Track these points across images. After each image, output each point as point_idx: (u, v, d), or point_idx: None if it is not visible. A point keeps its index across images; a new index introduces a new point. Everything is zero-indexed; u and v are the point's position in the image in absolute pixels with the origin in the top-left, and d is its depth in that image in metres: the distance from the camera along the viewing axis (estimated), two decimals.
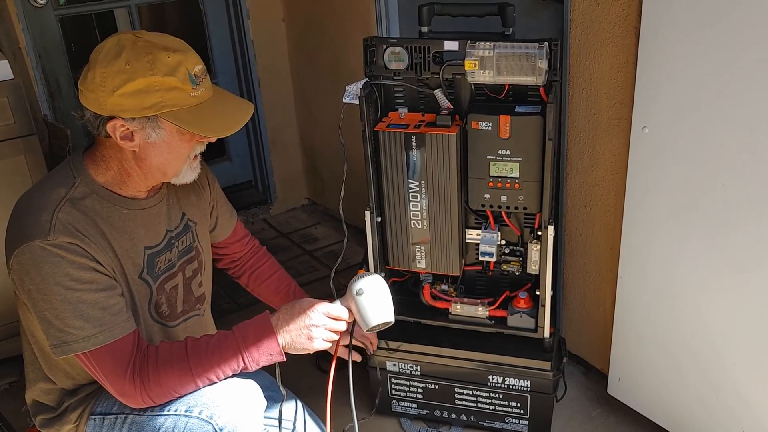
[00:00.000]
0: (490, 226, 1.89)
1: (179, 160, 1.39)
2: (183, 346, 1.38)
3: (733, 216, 1.60)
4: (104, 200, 1.39)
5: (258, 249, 1.88)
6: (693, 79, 1.59)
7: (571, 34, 1.91)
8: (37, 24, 2.74)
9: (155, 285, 1.48)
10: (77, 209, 1.34)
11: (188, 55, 1.33)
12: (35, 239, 1.28)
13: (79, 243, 1.30)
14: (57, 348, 1.32)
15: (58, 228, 1.29)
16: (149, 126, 1.31)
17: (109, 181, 1.40)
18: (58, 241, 1.28)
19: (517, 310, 1.91)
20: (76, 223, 1.32)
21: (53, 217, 1.30)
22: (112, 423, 1.46)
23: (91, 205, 1.36)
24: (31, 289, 1.30)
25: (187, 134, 1.35)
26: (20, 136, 2.23)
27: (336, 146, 3.17)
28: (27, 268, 1.29)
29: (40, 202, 1.33)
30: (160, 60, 1.28)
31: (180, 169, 1.41)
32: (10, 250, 1.31)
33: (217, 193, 1.70)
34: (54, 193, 1.34)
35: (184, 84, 1.30)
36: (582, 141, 2.00)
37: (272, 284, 1.85)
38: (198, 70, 1.33)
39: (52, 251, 1.28)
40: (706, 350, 1.78)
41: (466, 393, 2.02)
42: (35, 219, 1.30)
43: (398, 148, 1.79)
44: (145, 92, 1.28)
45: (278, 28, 3.31)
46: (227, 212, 1.75)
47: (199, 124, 1.32)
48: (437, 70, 1.78)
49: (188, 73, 1.31)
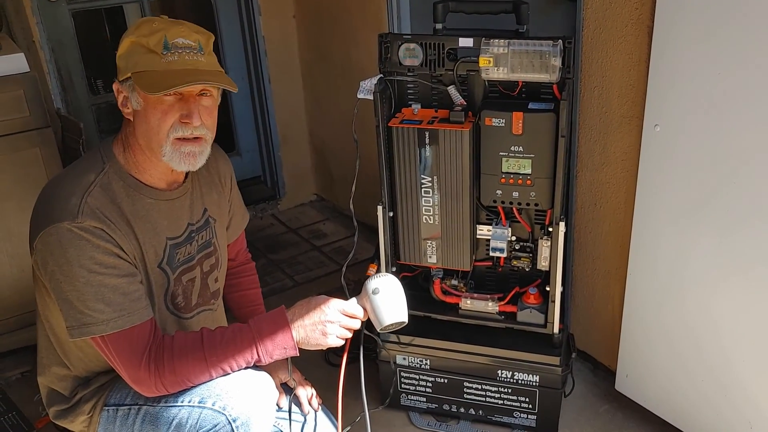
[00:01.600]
0: (501, 222, 1.90)
1: (156, 132, 1.36)
2: (199, 335, 1.39)
3: (743, 215, 1.62)
4: (130, 188, 1.41)
5: (248, 261, 1.88)
6: (705, 78, 1.60)
7: (584, 32, 1.93)
8: (51, 18, 2.77)
9: (173, 276, 1.50)
10: (105, 195, 1.36)
11: (175, 27, 1.35)
12: (63, 221, 1.30)
13: (105, 228, 1.33)
14: (75, 330, 1.33)
15: (86, 212, 1.32)
16: (131, 89, 1.37)
17: (129, 164, 1.43)
18: (85, 224, 1.31)
19: (527, 305, 1.92)
20: (104, 208, 1.35)
21: (82, 200, 1.33)
22: (125, 414, 1.47)
23: (118, 192, 1.39)
24: (54, 270, 1.32)
25: (159, 103, 1.35)
26: (35, 128, 2.26)
27: (345, 142, 3.19)
28: (52, 249, 1.31)
29: (70, 186, 1.35)
30: (144, 25, 1.36)
31: (161, 144, 1.37)
32: (36, 231, 1.33)
33: (235, 194, 1.72)
34: (84, 178, 1.37)
35: (156, 47, 1.33)
36: (593, 139, 2.01)
37: (245, 298, 1.83)
38: (179, 42, 1.34)
39: (78, 234, 1.30)
40: (713, 348, 1.79)
41: (475, 387, 2.04)
42: (64, 202, 1.33)
43: (411, 144, 1.80)
44: (127, 54, 1.36)
45: (289, 25, 3.33)
46: (240, 215, 1.77)
47: (150, 84, 1.32)
48: (451, 67, 1.80)
49: (165, 40, 1.33)
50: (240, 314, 1.80)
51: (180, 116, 1.36)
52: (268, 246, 3.27)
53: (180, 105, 1.35)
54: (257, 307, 1.83)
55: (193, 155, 1.40)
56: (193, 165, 1.41)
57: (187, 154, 1.39)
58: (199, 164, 1.42)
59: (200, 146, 1.40)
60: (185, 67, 1.34)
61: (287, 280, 2.98)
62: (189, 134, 1.38)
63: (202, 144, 1.41)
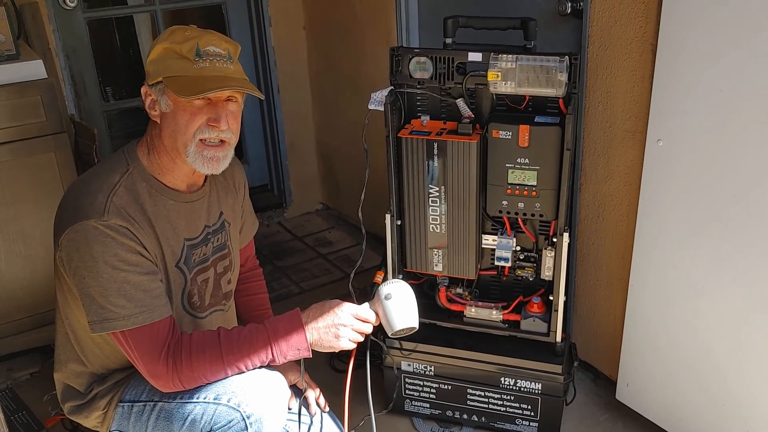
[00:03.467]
0: (507, 232, 1.95)
1: (182, 133, 1.42)
2: (216, 334, 1.44)
3: (744, 229, 1.66)
4: (152, 189, 1.47)
5: (256, 267, 1.93)
6: (708, 95, 1.65)
7: (589, 49, 1.98)
8: (67, 25, 2.82)
9: (189, 275, 1.54)
10: (130, 194, 1.42)
11: (207, 35, 1.43)
12: (90, 218, 1.35)
13: (129, 227, 1.38)
14: (97, 324, 1.38)
15: (113, 210, 1.37)
16: (160, 92, 1.42)
17: (153, 166, 1.48)
18: (111, 222, 1.36)
19: (531, 314, 1.96)
20: (128, 207, 1.40)
21: (108, 199, 1.38)
22: (140, 410, 1.51)
23: (141, 192, 1.44)
24: (79, 266, 1.36)
25: (189, 106, 1.40)
26: (51, 133, 2.30)
27: (352, 152, 3.24)
28: (78, 245, 1.35)
29: (96, 185, 1.41)
30: (177, 33, 1.41)
31: (186, 145, 1.42)
32: (62, 228, 1.38)
33: (246, 201, 1.77)
34: (110, 178, 1.42)
35: (189, 54, 1.39)
36: (597, 152, 2.06)
37: (253, 302, 1.88)
38: (211, 50, 1.41)
39: (104, 231, 1.35)
40: (713, 359, 1.83)
41: (479, 394, 2.07)
42: (91, 200, 1.38)
43: (420, 155, 1.85)
44: (159, 59, 1.41)
45: (299, 36, 3.39)
46: (250, 222, 1.82)
47: (182, 87, 1.38)
48: (460, 80, 1.85)
49: (197, 47, 1.39)
50: (248, 317, 1.84)
51: (208, 119, 1.42)
52: (275, 253, 3.31)
53: (208, 109, 1.42)
54: (265, 311, 1.88)
55: (216, 160, 1.45)
56: (216, 169, 1.47)
57: (210, 158, 1.44)
58: (222, 168, 1.48)
59: (224, 151, 1.46)
60: (216, 74, 1.40)
61: (293, 287, 3.03)
62: (215, 136, 1.43)
63: (226, 148, 1.47)
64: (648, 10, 1.79)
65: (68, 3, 2.79)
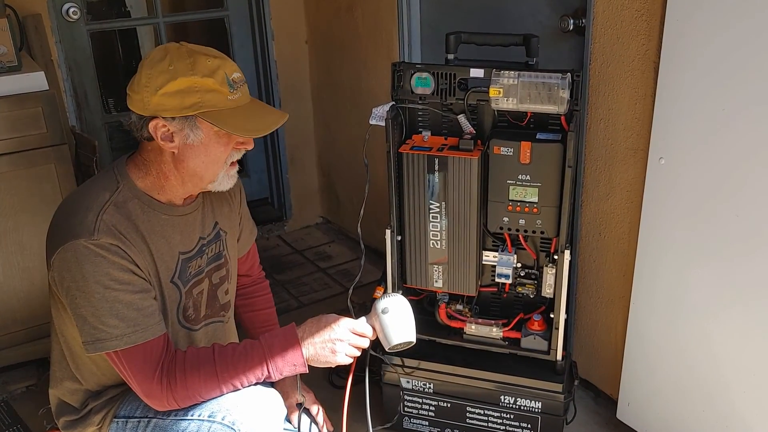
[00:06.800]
0: (507, 248, 1.94)
1: (216, 163, 1.43)
2: (210, 351, 1.42)
3: (746, 248, 1.65)
4: (145, 205, 1.45)
5: (263, 279, 1.92)
6: (710, 114, 1.64)
7: (591, 66, 1.98)
8: (70, 37, 2.83)
9: (185, 290, 1.53)
10: (120, 212, 1.40)
11: (227, 62, 1.40)
12: (80, 238, 1.33)
13: (120, 245, 1.36)
14: (90, 345, 1.36)
15: (103, 229, 1.35)
16: (188, 126, 1.37)
17: (148, 186, 1.46)
18: (101, 241, 1.34)
19: (531, 332, 1.95)
20: (119, 225, 1.38)
21: (98, 218, 1.36)
22: (135, 426, 1.50)
23: (133, 209, 1.43)
24: (70, 286, 1.35)
25: (224, 137, 1.40)
26: (52, 145, 2.29)
27: (352, 166, 3.24)
28: (69, 265, 1.34)
29: (85, 203, 1.39)
30: (200, 63, 1.36)
31: (217, 173, 1.45)
32: (54, 248, 1.36)
33: (243, 208, 1.76)
34: (99, 196, 1.40)
35: (222, 86, 1.37)
36: (598, 170, 2.05)
37: (259, 318, 1.87)
38: (236, 77, 1.40)
39: (94, 251, 1.33)
40: (714, 378, 1.81)
41: (478, 412, 2.05)
42: (81, 219, 1.36)
43: (421, 170, 1.84)
44: (185, 92, 1.34)
45: (301, 50, 3.39)
46: (249, 229, 1.80)
47: (234, 124, 1.38)
48: (462, 96, 1.84)
49: (226, 77, 1.37)
50: (253, 333, 1.83)
51: (236, 143, 1.43)
52: (274, 266, 3.30)
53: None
54: (271, 327, 1.85)
55: (235, 175, 1.50)
56: (233, 183, 1.51)
57: (232, 176, 1.49)
58: None
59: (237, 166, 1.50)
60: (246, 102, 1.42)
61: (292, 301, 3.01)
62: (239, 156, 1.47)
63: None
64: (650, 27, 1.79)
65: (71, 15, 2.79)
